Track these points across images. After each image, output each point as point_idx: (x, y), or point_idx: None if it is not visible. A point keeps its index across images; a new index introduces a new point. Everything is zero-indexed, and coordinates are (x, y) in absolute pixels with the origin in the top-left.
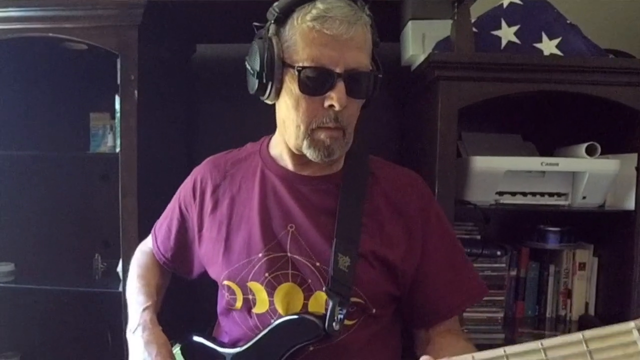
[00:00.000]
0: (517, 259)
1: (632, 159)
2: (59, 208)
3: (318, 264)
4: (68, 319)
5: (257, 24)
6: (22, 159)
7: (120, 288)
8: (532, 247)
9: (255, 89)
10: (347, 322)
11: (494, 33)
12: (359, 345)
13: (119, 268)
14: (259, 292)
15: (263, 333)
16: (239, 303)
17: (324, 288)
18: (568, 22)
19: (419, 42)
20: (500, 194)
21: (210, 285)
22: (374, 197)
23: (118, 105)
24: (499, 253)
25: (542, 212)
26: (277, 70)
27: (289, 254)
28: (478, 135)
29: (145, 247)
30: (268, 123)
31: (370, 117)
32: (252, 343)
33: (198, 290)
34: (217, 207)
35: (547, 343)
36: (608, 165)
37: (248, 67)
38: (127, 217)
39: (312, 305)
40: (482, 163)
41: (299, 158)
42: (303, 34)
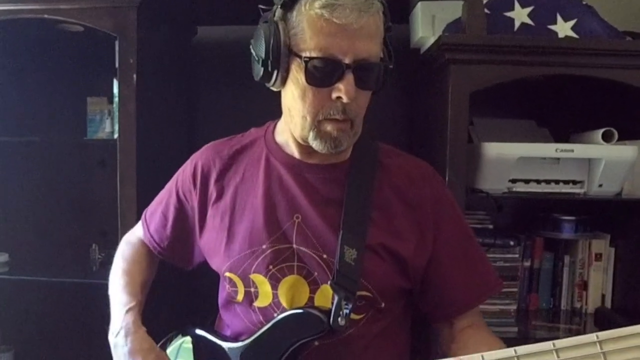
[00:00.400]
0: (530, 250)
1: None
2: (55, 196)
3: (325, 256)
4: (64, 312)
5: (262, 7)
6: (16, 145)
7: None
8: (546, 237)
9: (260, 76)
10: (355, 316)
11: (507, 14)
12: (367, 340)
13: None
14: (262, 284)
15: (266, 327)
16: (240, 296)
17: (329, 282)
18: (584, 2)
19: (429, 23)
20: (513, 182)
21: (211, 276)
22: (383, 187)
23: (116, 90)
24: (512, 243)
25: (556, 200)
26: (283, 58)
27: (295, 246)
28: (490, 121)
29: (133, 237)
30: (272, 108)
31: (378, 102)
32: (254, 337)
33: (198, 281)
34: (221, 196)
35: (559, 344)
36: (625, 152)
37: (253, 52)
38: (125, 205)
39: (318, 299)
40: (494, 149)
41: (306, 147)
42: (311, 22)
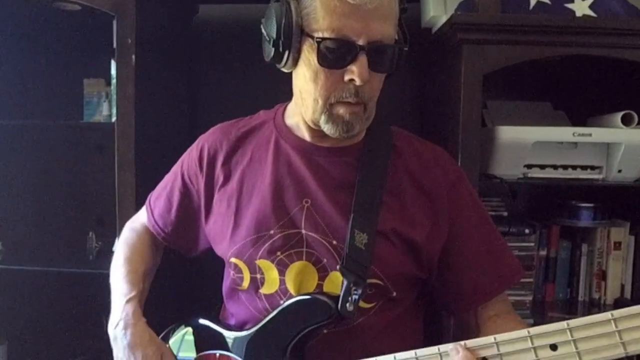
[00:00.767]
0: (546, 238)
1: None
2: (50, 182)
3: (335, 243)
4: (60, 303)
5: None
6: (8, 129)
7: None
8: (563, 224)
9: (271, 57)
10: (365, 305)
11: None
12: (377, 330)
13: (115, 247)
14: (269, 270)
15: (272, 314)
16: (246, 283)
17: (338, 266)
18: None
19: (441, 2)
20: (529, 167)
21: (215, 265)
22: (396, 171)
23: (114, 71)
24: (527, 231)
25: (574, 186)
26: (294, 39)
27: (304, 231)
28: (504, 104)
29: (137, 223)
30: (278, 90)
31: (387, 84)
32: (260, 325)
33: (202, 271)
34: (228, 180)
35: (573, 323)
36: None
37: (264, 32)
38: (123, 192)
39: (327, 287)
40: (509, 133)
41: (317, 130)
42: (324, 1)
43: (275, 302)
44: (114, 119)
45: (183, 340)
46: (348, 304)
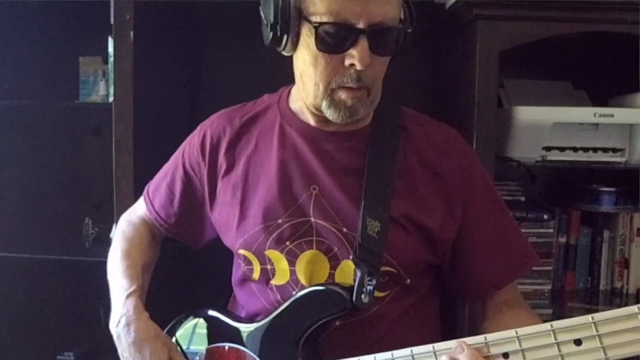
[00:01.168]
0: (566, 224)
1: None
2: (44, 166)
3: (345, 230)
4: (54, 293)
5: None
6: None
7: None
8: (583, 210)
9: (270, 41)
10: (378, 293)
11: None
12: (392, 319)
13: (113, 234)
14: (278, 261)
15: (284, 306)
16: (256, 274)
17: (351, 256)
18: None
19: None
20: (548, 150)
21: (220, 253)
22: (407, 155)
23: (111, 49)
24: (546, 217)
25: (595, 170)
26: (293, 22)
27: (312, 219)
28: (522, 83)
29: (133, 216)
30: (285, 69)
31: (398, 62)
32: (271, 317)
33: (206, 259)
34: (232, 168)
35: (598, 317)
36: None
37: (262, 15)
38: (121, 175)
39: (338, 276)
40: (526, 114)
41: (321, 115)
42: None
43: (287, 293)
44: (112, 99)
45: (194, 333)
46: (363, 296)
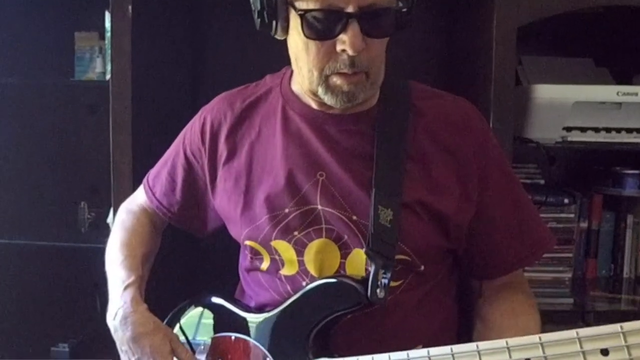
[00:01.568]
0: (587, 209)
1: None
2: (37, 147)
3: (355, 218)
4: (48, 281)
5: None
6: None
7: None
8: (606, 193)
9: (259, 27)
10: (391, 283)
11: None
12: (406, 309)
13: (110, 219)
14: (286, 251)
15: (294, 298)
16: (265, 264)
17: (364, 249)
18: None
19: None
20: (568, 130)
21: (224, 238)
22: (418, 135)
23: (108, 23)
24: (567, 201)
25: (618, 151)
26: (280, 7)
27: (320, 207)
28: (541, 60)
29: (133, 204)
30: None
31: (410, 37)
32: (281, 309)
33: (209, 245)
34: (233, 155)
35: (627, 326)
36: None
37: (250, 1)
38: (119, 157)
39: (349, 265)
40: (546, 93)
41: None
42: None
43: (298, 284)
44: (109, 77)
45: (199, 322)
46: (378, 290)
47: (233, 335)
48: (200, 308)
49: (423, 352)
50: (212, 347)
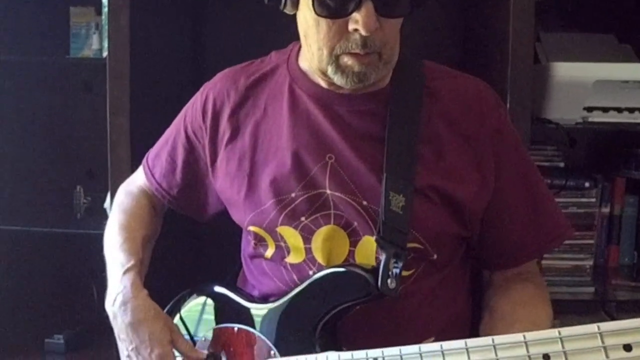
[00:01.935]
0: (609, 193)
1: None
2: (30, 128)
3: (365, 203)
4: (43, 268)
5: None
6: None
7: None
8: (629, 177)
9: (268, 0)
10: (403, 272)
11: None
12: (418, 299)
13: (107, 203)
14: (292, 238)
15: (301, 288)
16: (270, 252)
17: (375, 237)
18: None
19: None
20: (589, 110)
21: (229, 222)
22: (432, 117)
23: None
24: (587, 185)
25: None
26: None
27: (328, 191)
28: (561, 36)
29: (132, 186)
30: (296, 25)
31: (424, 14)
32: (287, 298)
33: (213, 229)
34: (236, 135)
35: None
36: None
37: None
38: (116, 139)
39: (359, 253)
40: (566, 71)
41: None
42: None
43: (304, 272)
44: (105, 54)
45: (201, 312)
46: (389, 280)
47: (236, 327)
48: (202, 297)
49: (436, 345)
50: (213, 338)
